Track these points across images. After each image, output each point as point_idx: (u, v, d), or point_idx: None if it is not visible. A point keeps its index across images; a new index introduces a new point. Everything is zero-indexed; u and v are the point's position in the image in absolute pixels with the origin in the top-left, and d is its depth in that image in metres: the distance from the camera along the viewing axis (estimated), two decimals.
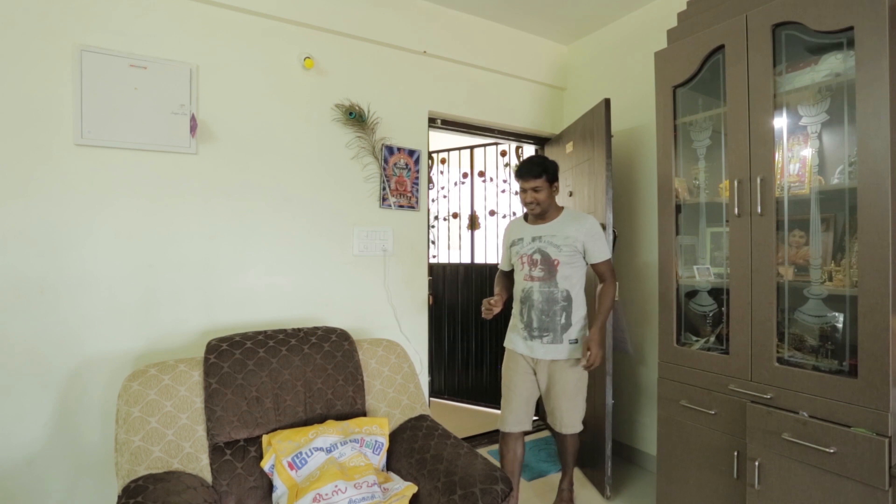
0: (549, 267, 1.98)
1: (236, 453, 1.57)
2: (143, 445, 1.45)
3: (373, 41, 2.47)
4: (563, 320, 1.98)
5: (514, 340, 2.09)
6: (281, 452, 1.53)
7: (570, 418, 2.01)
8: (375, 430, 1.68)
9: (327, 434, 1.59)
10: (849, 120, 1.51)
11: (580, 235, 1.96)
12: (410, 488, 1.50)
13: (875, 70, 1.37)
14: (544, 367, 2.02)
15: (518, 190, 2.04)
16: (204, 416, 1.57)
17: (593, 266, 2.02)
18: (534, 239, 2.02)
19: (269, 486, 1.55)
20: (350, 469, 1.54)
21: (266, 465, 1.54)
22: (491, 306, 2.00)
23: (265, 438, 1.59)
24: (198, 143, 2.03)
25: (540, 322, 1.99)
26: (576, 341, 1.98)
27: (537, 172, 1.94)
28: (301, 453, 1.53)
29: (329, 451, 1.57)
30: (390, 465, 1.69)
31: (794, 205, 1.66)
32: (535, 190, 1.96)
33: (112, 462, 1.83)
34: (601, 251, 1.98)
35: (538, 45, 3.10)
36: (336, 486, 1.43)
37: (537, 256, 2.00)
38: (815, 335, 1.63)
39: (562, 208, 2.07)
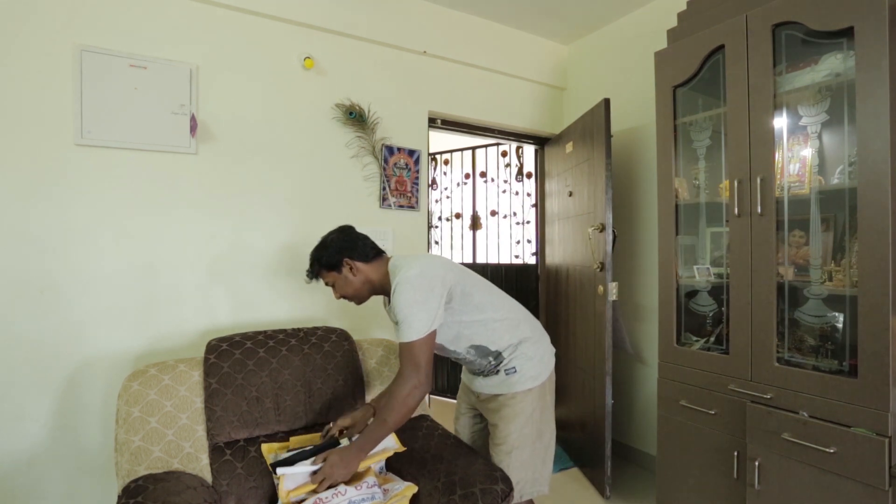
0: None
1: (236, 453, 1.57)
2: (143, 445, 1.45)
3: (373, 41, 2.47)
4: (490, 362, 1.56)
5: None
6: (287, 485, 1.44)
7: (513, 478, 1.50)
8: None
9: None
10: (849, 120, 1.51)
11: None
12: (410, 488, 1.49)
13: (875, 70, 1.37)
14: (485, 404, 1.63)
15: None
16: (204, 416, 1.57)
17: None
18: (397, 323, 1.48)
19: (270, 487, 1.55)
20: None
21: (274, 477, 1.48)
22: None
23: (266, 447, 1.55)
24: (198, 143, 2.03)
25: (473, 370, 1.65)
26: (514, 370, 1.53)
27: (314, 271, 1.59)
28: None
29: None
30: (390, 466, 1.69)
31: (794, 205, 1.65)
32: (330, 286, 1.61)
33: (112, 462, 1.83)
34: (401, 328, 1.39)
35: (538, 45, 3.10)
36: (336, 490, 1.43)
37: None
38: (815, 335, 1.63)
39: (387, 270, 1.55)
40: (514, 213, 3.96)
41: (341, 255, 1.55)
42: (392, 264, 1.54)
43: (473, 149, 3.97)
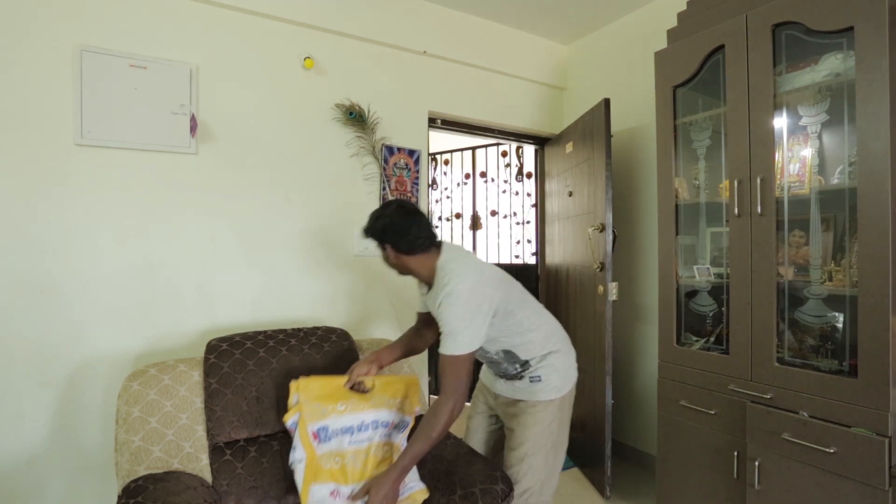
0: None
1: (236, 453, 1.57)
2: (143, 445, 1.45)
3: (373, 41, 2.47)
4: (516, 368, 1.57)
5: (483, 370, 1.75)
6: (307, 416, 1.47)
7: (517, 482, 1.50)
8: (406, 407, 1.62)
9: (356, 411, 1.52)
10: (849, 120, 1.51)
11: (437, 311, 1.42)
12: (423, 493, 1.44)
13: (875, 70, 1.37)
14: (504, 408, 1.64)
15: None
16: (204, 416, 1.57)
17: None
18: (441, 332, 1.44)
19: (269, 487, 1.55)
20: (372, 462, 1.50)
21: (289, 421, 1.49)
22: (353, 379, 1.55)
23: (293, 384, 1.52)
24: (198, 143, 2.03)
25: (497, 371, 1.66)
26: (539, 379, 1.55)
27: (370, 235, 1.53)
28: (327, 428, 1.48)
29: (352, 432, 1.51)
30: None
31: (794, 205, 1.65)
32: (383, 257, 1.56)
33: (112, 462, 1.83)
34: (447, 340, 1.38)
35: (538, 45, 3.10)
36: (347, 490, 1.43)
37: None
38: (815, 335, 1.63)
39: (434, 266, 1.48)
40: (514, 213, 3.96)
41: (382, 239, 1.49)
42: (441, 265, 1.46)
43: (473, 149, 3.97)
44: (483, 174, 4.02)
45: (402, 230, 1.47)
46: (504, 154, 3.93)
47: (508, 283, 1.55)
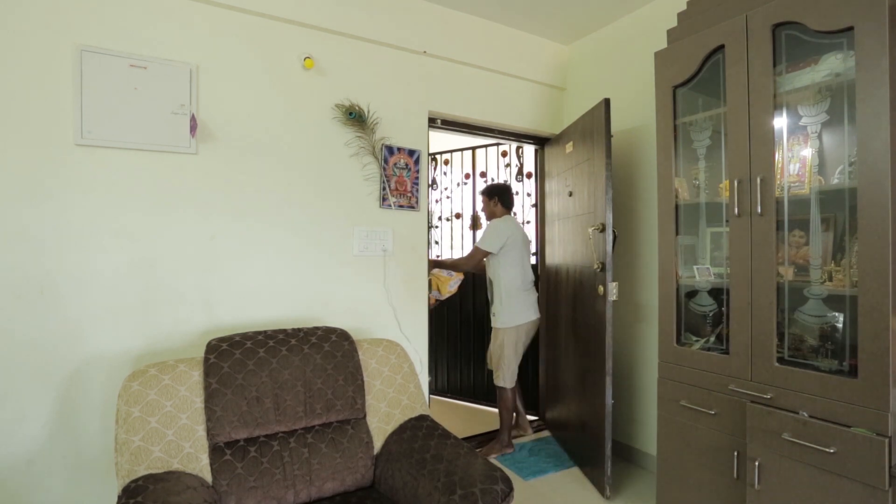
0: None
1: (236, 453, 1.57)
2: (143, 445, 1.45)
3: (373, 41, 2.47)
4: (491, 294, 2.98)
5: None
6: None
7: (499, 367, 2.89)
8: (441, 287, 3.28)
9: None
10: (849, 120, 1.51)
11: None
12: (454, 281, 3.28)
13: (875, 70, 1.37)
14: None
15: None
16: (204, 416, 1.57)
17: None
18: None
19: (269, 486, 1.55)
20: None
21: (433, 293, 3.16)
22: None
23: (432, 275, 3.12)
24: (198, 143, 2.03)
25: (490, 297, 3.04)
26: (494, 314, 2.91)
27: (491, 191, 3.07)
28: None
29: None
30: (389, 466, 1.69)
31: (794, 205, 1.65)
32: (486, 206, 3.12)
33: (112, 462, 1.83)
34: (479, 240, 2.90)
35: (538, 45, 3.10)
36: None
37: None
38: (815, 335, 1.63)
39: (499, 217, 3.00)
40: (514, 213, 3.95)
41: (495, 194, 3.03)
42: (501, 217, 2.96)
43: (473, 149, 3.97)
44: (483, 174, 4.02)
45: (503, 193, 3.05)
46: (504, 154, 3.93)
47: (522, 243, 2.93)
